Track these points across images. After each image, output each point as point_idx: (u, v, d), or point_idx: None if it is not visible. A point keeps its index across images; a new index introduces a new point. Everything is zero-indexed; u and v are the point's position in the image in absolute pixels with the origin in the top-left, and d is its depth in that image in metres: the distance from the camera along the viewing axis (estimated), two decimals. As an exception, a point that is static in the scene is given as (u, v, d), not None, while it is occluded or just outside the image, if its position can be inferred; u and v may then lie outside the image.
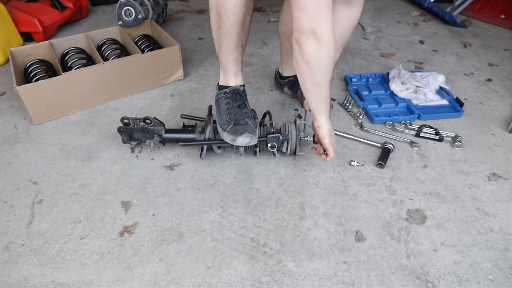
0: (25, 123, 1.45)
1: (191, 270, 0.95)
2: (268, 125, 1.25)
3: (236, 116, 1.16)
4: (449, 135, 1.39)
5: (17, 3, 2.05)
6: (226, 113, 1.17)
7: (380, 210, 1.12)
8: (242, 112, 1.17)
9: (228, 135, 1.13)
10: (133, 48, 1.65)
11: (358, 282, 0.93)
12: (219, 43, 1.14)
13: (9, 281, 0.93)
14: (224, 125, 1.15)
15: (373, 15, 2.49)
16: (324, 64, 0.94)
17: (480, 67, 1.89)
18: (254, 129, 1.14)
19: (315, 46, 0.90)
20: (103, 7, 2.56)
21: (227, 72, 1.20)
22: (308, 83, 1.00)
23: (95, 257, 0.98)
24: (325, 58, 0.93)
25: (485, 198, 1.16)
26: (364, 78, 1.72)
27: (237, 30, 1.11)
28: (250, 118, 1.17)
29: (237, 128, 1.13)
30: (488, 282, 0.94)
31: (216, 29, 1.11)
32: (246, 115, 1.17)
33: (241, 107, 1.19)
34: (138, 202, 1.14)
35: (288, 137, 1.20)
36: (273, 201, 1.14)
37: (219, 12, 1.07)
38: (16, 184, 1.19)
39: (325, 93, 1.02)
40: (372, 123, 1.47)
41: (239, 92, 1.21)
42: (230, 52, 1.15)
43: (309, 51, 0.91)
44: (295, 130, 1.21)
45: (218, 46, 1.16)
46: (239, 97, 1.20)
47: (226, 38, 1.12)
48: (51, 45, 1.63)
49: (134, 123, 1.22)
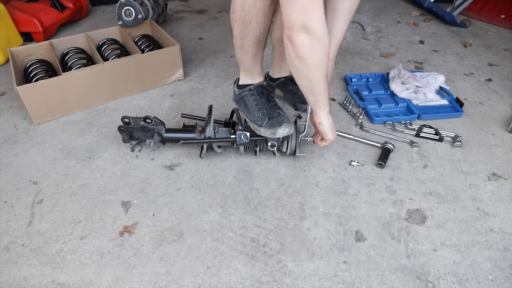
0: (25, 123, 1.45)
1: (191, 270, 0.95)
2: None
3: (268, 110, 1.18)
4: (449, 135, 1.39)
5: (17, 3, 2.05)
6: (257, 109, 1.20)
7: (380, 210, 1.12)
8: (271, 105, 1.21)
9: (266, 129, 1.15)
10: (133, 48, 1.65)
11: (358, 282, 0.93)
12: (245, 50, 1.15)
13: (9, 281, 0.93)
14: (258, 121, 1.18)
15: (373, 15, 2.49)
16: (318, 59, 0.92)
17: (480, 67, 1.89)
18: (289, 119, 1.18)
19: (308, 41, 0.87)
20: (103, 7, 2.56)
21: (252, 72, 1.23)
22: (303, 80, 0.99)
23: (95, 257, 0.98)
24: (319, 53, 0.91)
25: (485, 198, 1.16)
26: (364, 78, 1.72)
27: (265, 37, 1.14)
28: (280, 109, 1.21)
29: (273, 122, 1.15)
30: (488, 282, 0.94)
31: (242, 37, 1.12)
32: (276, 107, 1.21)
33: (270, 100, 1.22)
34: (138, 202, 1.14)
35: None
36: (273, 201, 1.14)
37: (247, 22, 1.07)
38: (16, 184, 1.19)
39: (323, 88, 1.01)
40: (372, 123, 1.47)
41: (265, 87, 1.24)
42: (256, 55, 1.18)
43: (301, 46, 0.89)
44: (295, 130, 1.22)
45: (243, 52, 1.17)
46: (266, 92, 1.24)
47: (254, 45, 1.14)
48: (51, 45, 1.63)
49: (135, 122, 1.22)
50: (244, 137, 1.18)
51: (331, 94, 1.65)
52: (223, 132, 1.24)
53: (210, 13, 2.49)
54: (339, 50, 1.30)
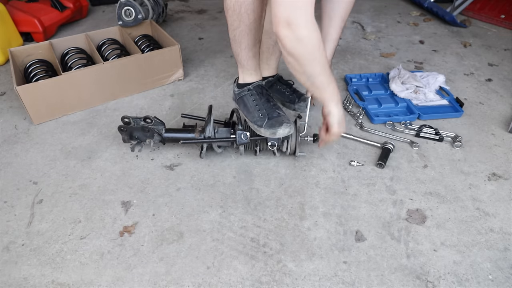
0: (25, 123, 1.45)
1: (191, 270, 0.95)
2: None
3: (268, 110, 1.18)
4: (449, 135, 1.39)
5: (17, 3, 2.05)
6: (257, 110, 1.19)
7: (380, 210, 1.12)
8: (271, 105, 1.20)
9: (266, 130, 1.15)
10: (133, 48, 1.65)
11: (358, 282, 0.93)
12: (239, 41, 1.14)
13: (9, 281, 0.93)
14: (258, 121, 1.17)
15: (373, 15, 2.49)
16: (308, 53, 0.91)
17: (480, 67, 1.89)
18: (288, 118, 1.17)
19: (293, 37, 0.87)
20: (103, 7, 2.56)
21: (248, 69, 1.21)
22: (299, 75, 0.97)
23: (95, 257, 0.98)
24: (307, 47, 0.89)
25: (485, 198, 1.16)
26: (364, 78, 1.72)
27: (256, 27, 1.11)
28: (280, 109, 1.20)
29: (273, 122, 1.15)
30: (488, 282, 0.94)
31: (234, 28, 1.11)
32: (275, 106, 1.21)
33: (269, 100, 1.21)
34: (138, 202, 1.14)
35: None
36: (273, 201, 1.14)
37: (237, 11, 1.06)
38: (16, 184, 1.19)
39: (324, 80, 0.99)
40: (372, 123, 1.47)
41: (263, 86, 1.23)
42: (250, 49, 1.16)
43: (287, 43, 0.88)
44: (295, 130, 1.22)
45: (237, 45, 1.16)
46: (265, 91, 1.23)
47: (246, 36, 1.12)
48: (51, 45, 1.63)
49: (135, 122, 1.22)
50: (244, 137, 1.18)
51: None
52: (223, 132, 1.24)
53: (210, 13, 2.49)
54: (339, 51, 1.30)
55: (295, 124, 1.23)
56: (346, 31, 2.25)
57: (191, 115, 1.35)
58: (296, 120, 1.24)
